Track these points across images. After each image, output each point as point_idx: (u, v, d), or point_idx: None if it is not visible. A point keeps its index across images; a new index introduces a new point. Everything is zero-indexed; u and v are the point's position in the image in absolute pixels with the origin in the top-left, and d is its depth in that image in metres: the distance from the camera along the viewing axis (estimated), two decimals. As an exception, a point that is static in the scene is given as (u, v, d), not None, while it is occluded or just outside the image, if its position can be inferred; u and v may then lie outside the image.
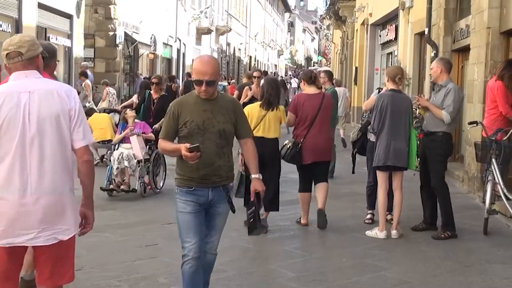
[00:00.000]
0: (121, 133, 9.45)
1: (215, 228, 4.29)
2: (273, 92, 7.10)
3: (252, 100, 9.13)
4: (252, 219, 4.35)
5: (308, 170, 7.33)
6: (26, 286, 4.68)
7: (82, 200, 3.52)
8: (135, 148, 9.23)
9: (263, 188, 4.27)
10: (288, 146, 7.24)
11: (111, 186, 9.06)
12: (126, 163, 9.07)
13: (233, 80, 33.96)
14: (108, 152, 9.85)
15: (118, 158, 9.10)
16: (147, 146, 9.50)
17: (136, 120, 9.56)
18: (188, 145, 3.97)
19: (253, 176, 4.29)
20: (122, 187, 9.07)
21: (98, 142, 11.41)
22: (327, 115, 7.33)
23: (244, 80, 8.53)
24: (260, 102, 7.13)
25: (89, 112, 11.98)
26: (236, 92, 12.48)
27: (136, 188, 9.05)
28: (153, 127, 9.53)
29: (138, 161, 9.16)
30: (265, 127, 7.01)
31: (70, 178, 3.43)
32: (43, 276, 3.47)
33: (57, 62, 4.67)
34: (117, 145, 9.44)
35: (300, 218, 7.54)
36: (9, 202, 3.30)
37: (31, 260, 4.06)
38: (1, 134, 3.30)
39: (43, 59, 3.62)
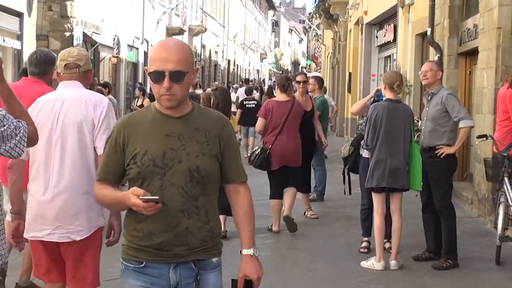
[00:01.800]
0: None
1: None
2: (226, 103, 8.44)
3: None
4: None
5: (277, 176, 8.49)
6: None
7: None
8: None
9: (259, 275, 3.05)
10: (256, 152, 8.55)
11: None
12: None
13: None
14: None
15: None
16: None
17: None
18: (139, 191, 2.81)
19: (244, 252, 3.08)
20: None
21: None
22: (296, 122, 8.60)
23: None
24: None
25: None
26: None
27: None
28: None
29: None
30: None
31: (89, 182, 4.02)
32: (68, 275, 4.22)
33: (54, 70, 5.40)
34: None
35: (271, 225, 8.55)
36: (35, 197, 4.16)
37: (26, 267, 5.29)
38: None
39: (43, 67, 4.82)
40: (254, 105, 16.69)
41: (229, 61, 59.69)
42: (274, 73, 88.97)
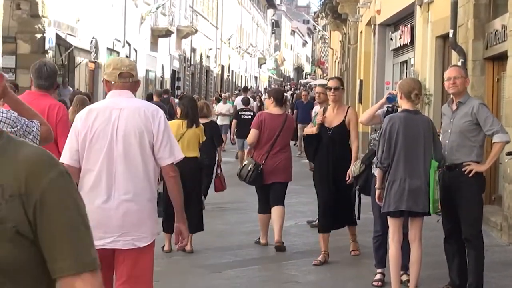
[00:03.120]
0: None
1: None
2: (194, 110, 9.17)
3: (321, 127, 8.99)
4: None
5: (267, 190, 9.34)
6: None
7: (175, 215, 5.03)
8: None
9: None
10: (249, 168, 9.19)
11: None
12: None
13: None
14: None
15: None
16: None
17: None
18: None
19: None
20: None
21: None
22: (288, 136, 9.56)
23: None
24: (181, 120, 9.04)
25: None
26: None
27: None
28: None
29: None
30: (184, 145, 8.56)
31: (151, 189, 4.91)
32: (120, 279, 4.87)
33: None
34: None
35: (259, 238, 9.45)
36: (95, 206, 4.69)
37: None
38: (92, 144, 4.83)
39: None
40: (250, 117, 17.08)
41: (222, 66, 59.84)
42: (274, 80, 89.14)
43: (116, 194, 4.82)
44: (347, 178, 8.43)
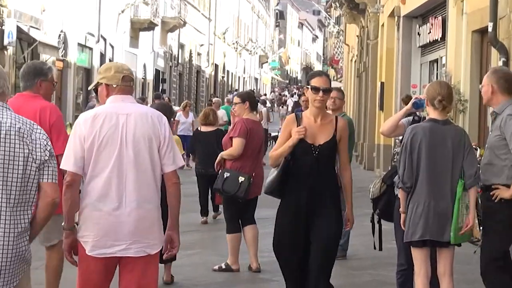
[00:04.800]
0: None
1: None
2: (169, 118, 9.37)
3: None
4: None
5: (237, 205, 9.81)
6: None
7: (169, 222, 5.71)
8: None
9: None
10: (240, 180, 9.58)
11: None
12: None
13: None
14: None
15: None
16: None
17: None
18: None
19: None
20: None
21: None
22: (263, 146, 10.23)
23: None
24: None
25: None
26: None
27: None
28: None
29: None
30: None
31: (158, 196, 5.63)
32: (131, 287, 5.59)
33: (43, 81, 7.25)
34: None
35: (224, 264, 9.95)
36: (104, 213, 5.44)
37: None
38: (100, 150, 5.48)
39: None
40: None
41: (216, 66, 59.92)
42: (279, 82, 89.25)
43: (127, 200, 5.49)
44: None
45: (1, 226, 4.62)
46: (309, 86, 7.09)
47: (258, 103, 24.00)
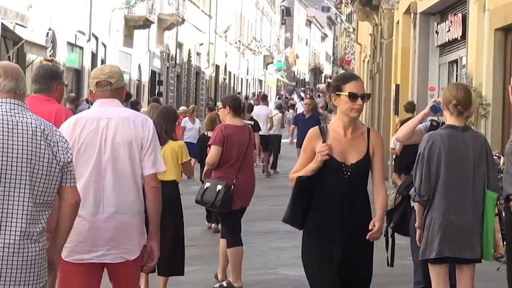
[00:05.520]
0: None
1: None
2: (169, 125, 9.46)
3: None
4: None
5: (238, 216, 9.95)
6: None
7: (149, 231, 5.97)
8: None
9: None
10: (217, 189, 9.64)
11: None
12: None
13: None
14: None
15: None
16: None
17: None
18: None
19: None
20: None
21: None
22: (252, 152, 10.47)
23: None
24: None
25: None
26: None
27: None
28: None
29: None
30: None
31: (140, 202, 5.93)
32: None
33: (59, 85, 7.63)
34: None
35: (225, 283, 9.90)
36: (82, 219, 5.60)
37: None
38: (79, 155, 5.79)
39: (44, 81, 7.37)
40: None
41: (217, 67, 59.98)
42: (285, 84, 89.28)
43: (104, 206, 5.82)
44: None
45: (23, 225, 4.80)
46: (341, 93, 6.42)
47: (273, 108, 24.16)
